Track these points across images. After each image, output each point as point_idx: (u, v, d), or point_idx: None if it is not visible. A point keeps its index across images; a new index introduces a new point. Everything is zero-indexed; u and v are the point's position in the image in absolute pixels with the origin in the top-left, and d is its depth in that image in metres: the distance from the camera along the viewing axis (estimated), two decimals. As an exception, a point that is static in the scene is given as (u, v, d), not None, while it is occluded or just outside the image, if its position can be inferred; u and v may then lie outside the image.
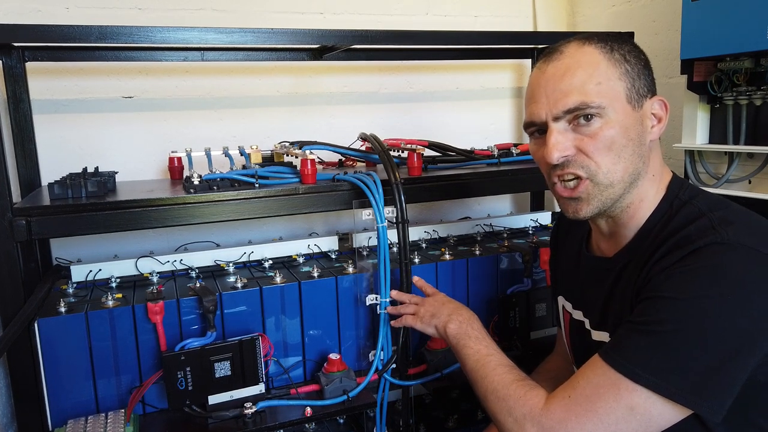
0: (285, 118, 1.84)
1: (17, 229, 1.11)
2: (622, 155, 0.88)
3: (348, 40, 1.42)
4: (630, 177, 0.90)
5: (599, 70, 0.88)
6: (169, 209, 1.20)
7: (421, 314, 1.18)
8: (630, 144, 0.89)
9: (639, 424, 0.81)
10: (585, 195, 0.91)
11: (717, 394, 0.78)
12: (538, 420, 0.87)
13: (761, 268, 0.79)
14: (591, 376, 0.85)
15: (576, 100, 0.87)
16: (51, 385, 1.15)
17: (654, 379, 0.79)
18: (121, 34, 1.20)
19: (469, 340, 1.06)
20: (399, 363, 1.31)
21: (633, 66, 0.89)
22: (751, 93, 1.40)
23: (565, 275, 1.13)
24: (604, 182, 0.89)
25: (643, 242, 0.92)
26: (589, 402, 0.83)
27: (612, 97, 0.87)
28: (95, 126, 1.66)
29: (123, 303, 1.20)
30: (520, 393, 0.92)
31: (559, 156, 0.89)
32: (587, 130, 0.88)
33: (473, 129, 2.08)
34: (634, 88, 0.89)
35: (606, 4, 2.01)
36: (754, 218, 0.88)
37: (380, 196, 1.26)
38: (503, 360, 1.01)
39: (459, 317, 1.11)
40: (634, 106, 0.89)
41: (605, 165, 0.88)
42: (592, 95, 0.87)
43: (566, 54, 0.90)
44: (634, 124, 0.89)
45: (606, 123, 0.87)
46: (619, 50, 0.90)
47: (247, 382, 1.19)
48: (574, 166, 0.90)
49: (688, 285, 0.79)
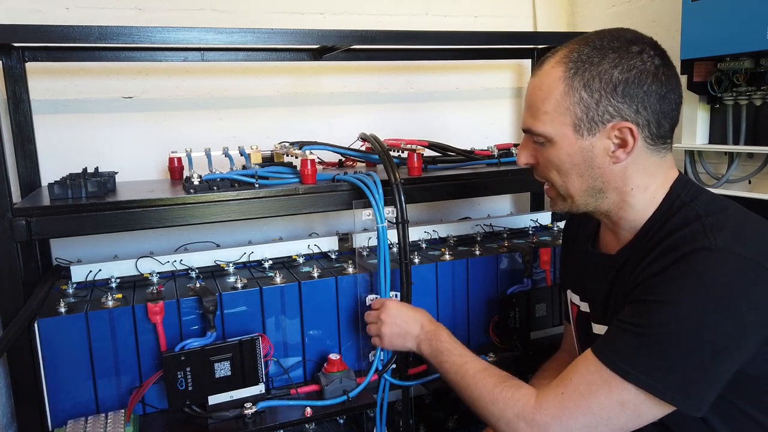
0: (285, 118, 1.84)
1: (17, 229, 1.11)
2: (570, 176, 0.94)
3: (348, 40, 1.42)
4: (586, 192, 0.95)
5: (551, 99, 0.91)
6: (169, 209, 1.20)
7: (388, 336, 1.19)
8: (575, 168, 0.93)
9: (629, 418, 0.86)
10: (553, 197, 1.01)
11: (700, 393, 0.83)
12: (531, 417, 0.90)
13: (746, 273, 0.82)
14: (584, 372, 0.88)
15: (527, 123, 0.96)
16: (51, 385, 1.15)
17: (643, 378, 0.83)
18: (121, 35, 1.20)
19: (442, 356, 1.10)
20: (399, 363, 1.31)
21: (594, 92, 0.88)
22: (751, 93, 1.40)
23: (574, 269, 1.14)
24: (562, 192, 0.98)
25: (641, 242, 0.94)
26: (582, 398, 0.87)
27: (557, 125, 0.91)
28: (95, 126, 1.66)
29: (123, 303, 1.20)
30: (507, 395, 0.95)
31: (522, 162, 1.00)
32: (540, 149, 0.97)
33: (473, 129, 2.08)
34: (587, 116, 0.90)
35: (606, 4, 2.01)
36: (750, 222, 0.90)
37: (380, 196, 1.26)
38: (479, 365, 1.04)
39: (427, 335, 1.14)
40: (583, 134, 0.91)
41: (556, 181, 0.97)
42: (539, 124, 0.94)
43: (542, 71, 0.94)
44: (579, 151, 0.92)
45: (551, 147, 0.94)
46: (585, 73, 0.89)
47: (247, 382, 1.19)
48: (538, 175, 1.01)
49: (675, 289, 0.82)
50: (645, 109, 0.89)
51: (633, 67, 0.88)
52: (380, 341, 1.22)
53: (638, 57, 0.89)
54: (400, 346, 1.19)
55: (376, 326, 1.22)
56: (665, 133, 0.93)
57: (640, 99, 0.89)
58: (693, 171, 1.59)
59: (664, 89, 0.90)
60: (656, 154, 0.93)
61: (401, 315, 1.19)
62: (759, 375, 0.86)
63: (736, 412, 0.88)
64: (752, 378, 0.86)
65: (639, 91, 0.88)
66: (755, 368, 0.85)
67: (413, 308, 1.21)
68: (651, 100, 0.89)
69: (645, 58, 0.89)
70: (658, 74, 0.89)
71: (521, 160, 1.00)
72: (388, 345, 1.20)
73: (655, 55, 0.90)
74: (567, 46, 0.93)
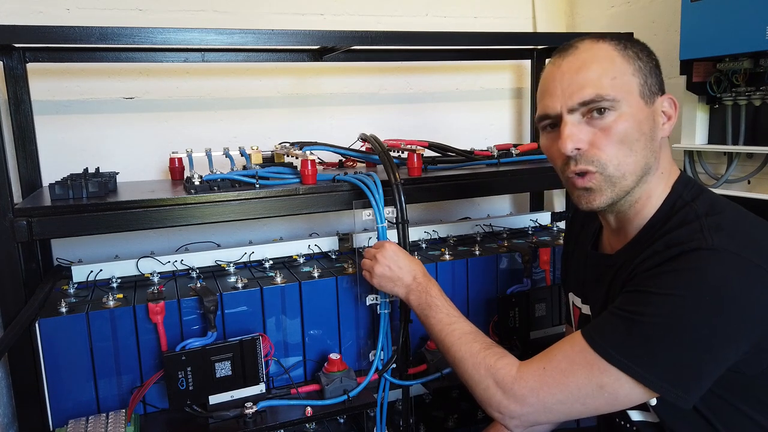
0: (285, 118, 1.85)
1: (18, 229, 1.12)
2: (634, 148, 0.90)
3: (348, 41, 1.42)
4: (641, 170, 0.92)
5: (614, 65, 0.90)
6: (170, 210, 1.21)
7: (378, 275, 1.18)
8: (642, 138, 0.91)
9: (606, 401, 0.86)
10: (597, 186, 0.92)
11: (689, 385, 0.83)
12: (510, 387, 0.92)
13: (742, 273, 0.82)
14: (569, 351, 0.89)
15: (591, 92, 0.88)
16: (52, 385, 1.15)
17: (626, 361, 0.83)
18: (122, 36, 1.21)
19: (430, 310, 1.09)
20: (399, 363, 1.31)
21: (645, 63, 0.92)
22: (750, 93, 1.40)
23: (576, 271, 1.14)
24: (616, 174, 0.90)
25: (641, 242, 0.94)
26: (563, 375, 0.88)
27: (626, 91, 0.90)
28: (96, 127, 1.66)
29: (124, 303, 1.20)
30: (489, 361, 0.95)
31: (572, 147, 0.90)
32: (601, 123, 0.89)
33: (473, 129, 2.09)
34: (647, 84, 0.91)
35: (605, 5, 2.01)
36: (748, 224, 0.90)
37: (380, 196, 1.27)
38: (466, 327, 1.04)
39: (418, 287, 1.13)
40: (647, 101, 0.91)
41: (617, 158, 0.90)
42: (608, 89, 0.88)
43: (581, 49, 0.92)
44: (647, 119, 0.91)
45: (620, 116, 0.89)
46: (632, 48, 0.93)
47: (248, 382, 1.19)
48: (585, 161, 0.91)
49: (669, 283, 0.83)
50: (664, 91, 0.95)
51: (653, 54, 0.95)
52: (370, 277, 1.20)
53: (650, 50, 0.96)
54: (388, 289, 1.18)
55: (370, 263, 1.20)
56: None
57: (662, 81, 0.95)
58: (692, 171, 1.59)
59: None
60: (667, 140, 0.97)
61: (397, 260, 1.17)
62: (756, 375, 0.86)
63: (733, 412, 0.89)
64: (750, 378, 0.86)
65: (661, 75, 0.95)
66: (751, 368, 0.85)
67: (411, 257, 1.19)
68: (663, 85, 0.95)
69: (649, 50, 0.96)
70: None
71: (570, 145, 0.89)
72: (377, 284, 1.19)
73: None
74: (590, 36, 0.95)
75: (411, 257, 1.19)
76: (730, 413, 0.89)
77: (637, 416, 0.96)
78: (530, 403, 0.90)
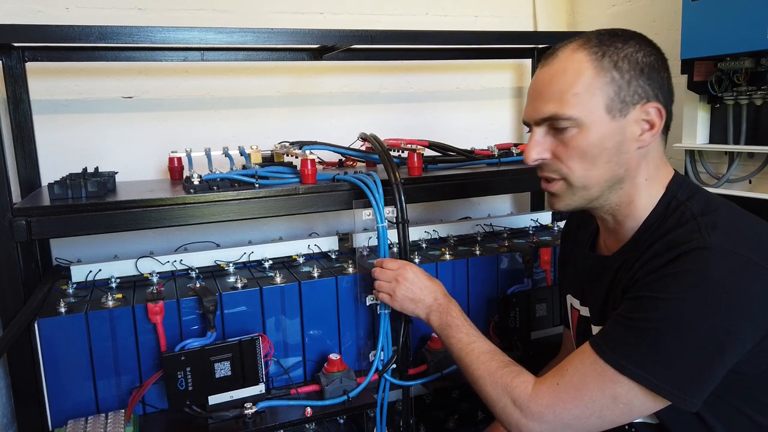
0: (285, 118, 1.84)
1: (17, 229, 1.11)
2: (597, 163, 0.92)
3: (348, 40, 1.42)
4: (606, 182, 0.93)
5: (581, 79, 0.89)
6: (169, 209, 1.20)
7: (399, 298, 1.18)
8: (605, 153, 0.91)
9: (621, 412, 0.87)
10: (560, 192, 0.96)
11: (695, 389, 0.83)
12: (526, 405, 0.92)
13: (741, 270, 0.82)
14: (579, 365, 0.90)
15: (551, 110, 0.91)
16: (51, 385, 1.15)
17: (638, 371, 0.84)
18: (121, 35, 1.20)
19: (450, 330, 1.11)
20: (399, 363, 1.31)
21: (624, 73, 0.89)
22: (751, 93, 1.40)
23: (574, 273, 1.14)
24: (578, 185, 0.94)
25: (639, 242, 0.94)
26: (577, 390, 0.88)
27: (588, 108, 0.89)
28: (95, 126, 1.66)
29: (123, 303, 1.20)
30: (506, 380, 0.96)
31: (533, 158, 0.95)
32: (562, 137, 0.92)
33: (473, 129, 2.08)
34: (619, 96, 0.89)
35: (606, 4, 2.01)
36: (744, 221, 0.90)
37: (380, 196, 1.26)
38: (485, 347, 1.05)
39: (439, 307, 1.14)
40: (615, 115, 0.90)
41: (578, 171, 0.93)
42: (567, 106, 0.90)
43: (558, 59, 0.93)
44: (612, 134, 0.90)
45: (579, 132, 0.91)
46: (613, 55, 0.89)
47: (247, 382, 1.19)
48: (549, 170, 0.96)
49: (671, 287, 0.83)
50: (662, 95, 0.92)
51: (651, 53, 0.91)
52: (390, 300, 1.20)
53: (652, 46, 0.92)
54: (409, 310, 1.18)
55: (389, 285, 1.20)
56: (668, 124, 0.95)
57: (659, 84, 0.91)
58: (693, 171, 1.58)
59: (670, 80, 0.94)
60: (662, 145, 0.96)
61: (418, 282, 1.18)
62: (757, 375, 0.86)
63: (733, 413, 0.89)
64: (750, 379, 0.86)
65: (658, 76, 0.91)
66: (753, 368, 0.85)
67: (430, 278, 1.19)
68: (664, 87, 0.92)
69: (655, 48, 0.93)
70: (665, 65, 0.93)
71: (532, 156, 0.94)
72: (398, 306, 1.20)
73: None
74: (581, 37, 0.93)
75: (430, 277, 1.20)
76: (730, 414, 0.89)
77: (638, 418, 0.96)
78: (548, 420, 0.91)
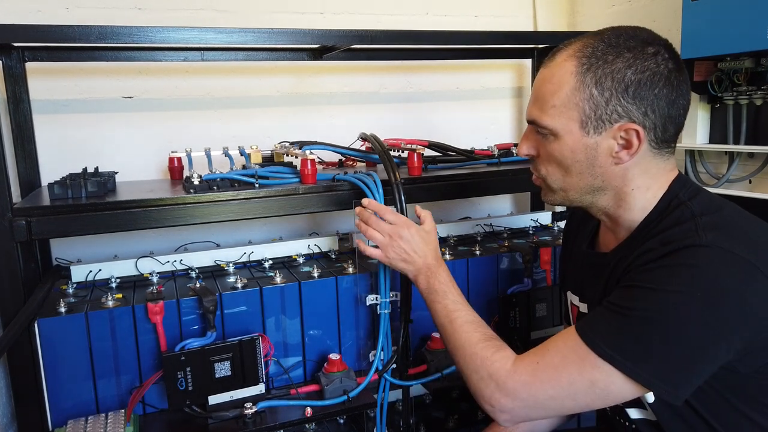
0: (285, 118, 1.84)
1: (17, 229, 1.11)
2: (571, 172, 0.94)
3: (348, 40, 1.42)
4: (584, 190, 0.95)
5: (561, 91, 0.90)
6: (169, 209, 1.20)
7: (392, 255, 1.15)
8: (577, 165, 0.93)
9: (597, 396, 0.87)
10: (543, 188, 1.01)
11: (679, 381, 0.83)
12: (503, 381, 0.92)
13: (736, 270, 0.82)
14: (561, 346, 0.90)
15: (533, 115, 0.95)
16: (51, 385, 1.15)
17: (616, 356, 0.83)
18: (121, 34, 1.20)
19: (436, 295, 1.09)
20: (399, 363, 1.31)
21: (605, 91, 0.87)
22: (751, 93, 1.40)
23: (573, 270, 1.14)
24: (555, 187, 0.98)
25: (636, 239, 0.94)
26: (555, 371, 0.88)
27: (564, 120, 0.91)
28: (95, 126, 1.65)
29: (123, 303, 1.20)
30: (487, 353, 0.96)
31: (523, 153, 1.00)
32: (543, 140, 0.96)
33: (473, 129, 2.08)
34: (595, 114, 0.88)
35: (606, 4, 2.00)
36: (744, 223, 0.90)
37: (380, 196, 1.26)
38: (469, 317, 1.04)
39: (427, 270, 1.12)
40: (590, 131, 0.90)
41: (554, 175, 0.97)
42: (546, 116, 0.92)
43: (553, 62, 0.93)
44: (584, 149, 0.91)
45: (555, 141, 0.93)
46: (598, 71, 0.87)
47: (247, 382, 1.19)
48: (534, 167, 1.01)
49: (662, 279, 0.83)
50: (653, 113, 0.88)
51: (647, 68, 0.87)
52: (380, 255, 1.17)
53: (653, 59, 0.87)
54: (399, 268, 1.16)
55: (383, 240, 1.15)
56: (670, 138, 0.92)
57: (650, 102, 0.87)
58: (693, 171, 1.59)
59: (674, 94, 0.88)
60: (659, 157, 0.93)
61: (413, 242, 1.14)
62: (751, 373, 0.86)
63: (730, 410, 0.88)
64: (745, 376, 0.86)
65: (650, 94, 0.87)
66: (746, 366, 0.85)
67: (426, 239, 1.15)
68: (660, 104, 0.88)
69: (659, 60, 0.87)
70: (670, 78, 0.88)
71: (522, 150, 0.99)
72: (386, 261, 1.17)
73: (669, 58, 0.89)
74: (581, 40, 0.91)
75: (427, 239, 1.15)
76: (727, 411, 0.89)
77: (636, 414, 0.96)
78: (522, 398, 0.90)
